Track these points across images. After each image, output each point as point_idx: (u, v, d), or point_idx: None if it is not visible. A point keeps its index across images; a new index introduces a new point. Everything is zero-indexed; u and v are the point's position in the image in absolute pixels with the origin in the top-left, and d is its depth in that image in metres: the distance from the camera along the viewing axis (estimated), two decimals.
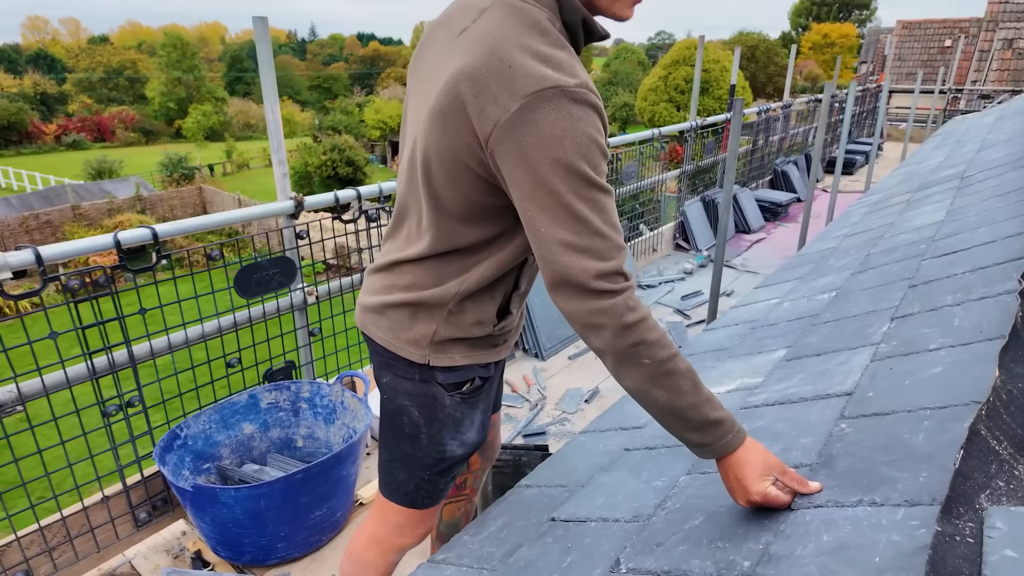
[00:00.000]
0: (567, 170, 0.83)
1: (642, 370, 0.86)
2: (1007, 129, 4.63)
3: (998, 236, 1.81)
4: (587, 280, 0.84)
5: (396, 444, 1.21)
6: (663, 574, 0.84)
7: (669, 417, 0.89)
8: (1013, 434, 0.75)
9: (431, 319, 1.09)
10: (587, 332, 0.88)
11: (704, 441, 0.89)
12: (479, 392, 1.19)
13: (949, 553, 0.61)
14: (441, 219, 1.01)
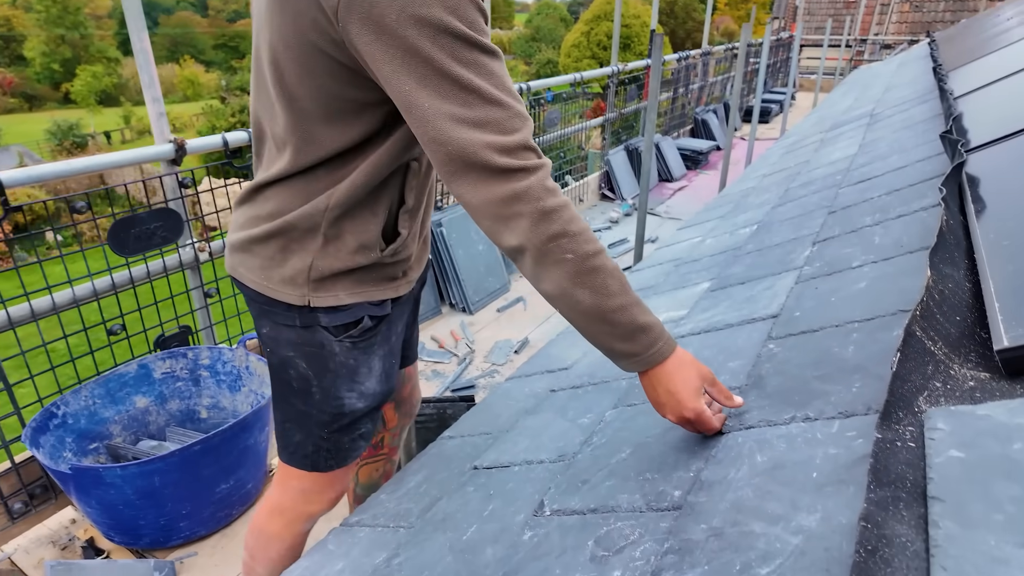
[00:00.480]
0: (436, 29, 0.69)
1: (564, 267, 0.74)
2: (909, 73, 4.82)
3: (910, 161, 1.84)
4: (490, 157, 0.71)
5: (287, 402, 1.07)
6: (589, 512, 0.77)
7: (595, 324, 0.77)
8: (947, 334, 0.70)
9: (304, 250, 0.94)
10: (499, 226, 0.74)
11: (633, 350, 0.78)
12: (372, 335, 1.05)
13: (891, 459, 0.56)
14: (300, 124, 0.86)
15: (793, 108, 11.07)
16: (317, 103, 0.83)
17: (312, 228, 0.93)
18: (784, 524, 0.57)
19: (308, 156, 0.88)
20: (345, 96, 0.82)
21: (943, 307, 0.75)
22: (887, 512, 0.50)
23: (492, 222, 0.75)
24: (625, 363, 0.81)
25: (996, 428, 0.53)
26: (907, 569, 0.45)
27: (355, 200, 0.92)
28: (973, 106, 2.21)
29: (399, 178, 0.96)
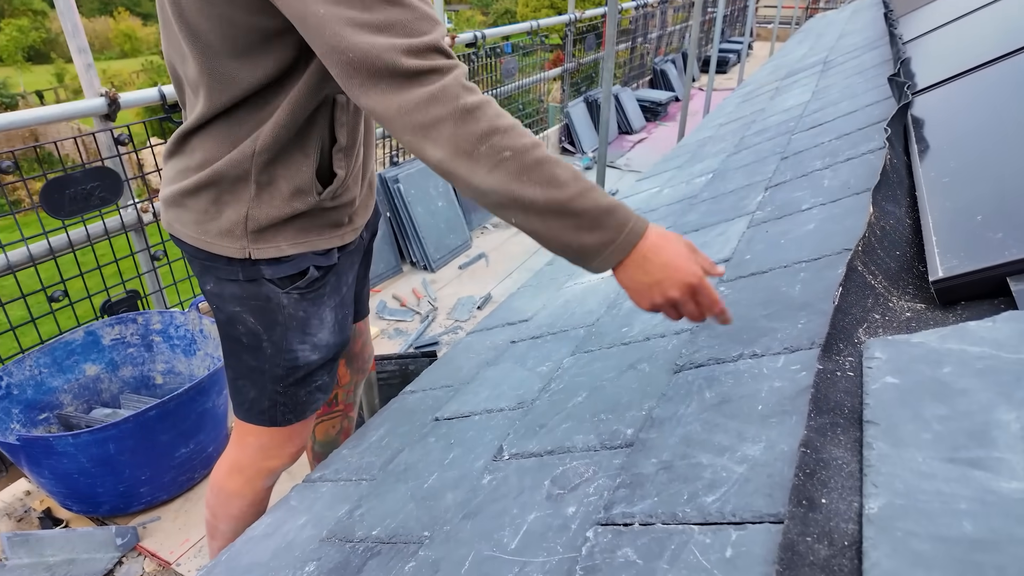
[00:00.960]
0: None
1: (505, 168, 0.67)
2: (861, 20, 4.86)
3: (859, 106, 1.86)
4: (395, 60, 0.65)
5: (238, 358, 1.04)
6: (546, 454, 0.78)
7: (555, 221, 0.69)
8: (887, 268, 0.72)
9: (238, 200, 0.90)
10: (420, 138, 0.67)
11: (605, 238, 0.70)
12: (321, 285, 1.02)
13: (831, 389, 0.58)
14: (208, 62, 0.81)
15: (750, 58, 11.07)
16: (221, 36, 0.78)
17: (242, 176, 0.88)
18: (730, 454, 0.59)
19: (223, 97, 0.83)
20: (248, 25, 0.77)
21: (884, 243, 0.77)
22: (825, 437, 0.52)
23: (412, 135, 0.68)
24: (600, 259, 0.72)
25: (928, 354, 0.55)
26: (842, 488, 0.47)
27: (283, 142, 0.87)
28: (921, 50, 2.25)
29: (326, 115, 0.91)
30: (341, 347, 1.10)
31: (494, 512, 0.71)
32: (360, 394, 1.50)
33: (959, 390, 0.49)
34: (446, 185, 3.61)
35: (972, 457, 0.43)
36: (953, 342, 0.55)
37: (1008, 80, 1.21)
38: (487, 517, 0.70)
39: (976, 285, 0.62)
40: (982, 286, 0.62)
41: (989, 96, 1.20)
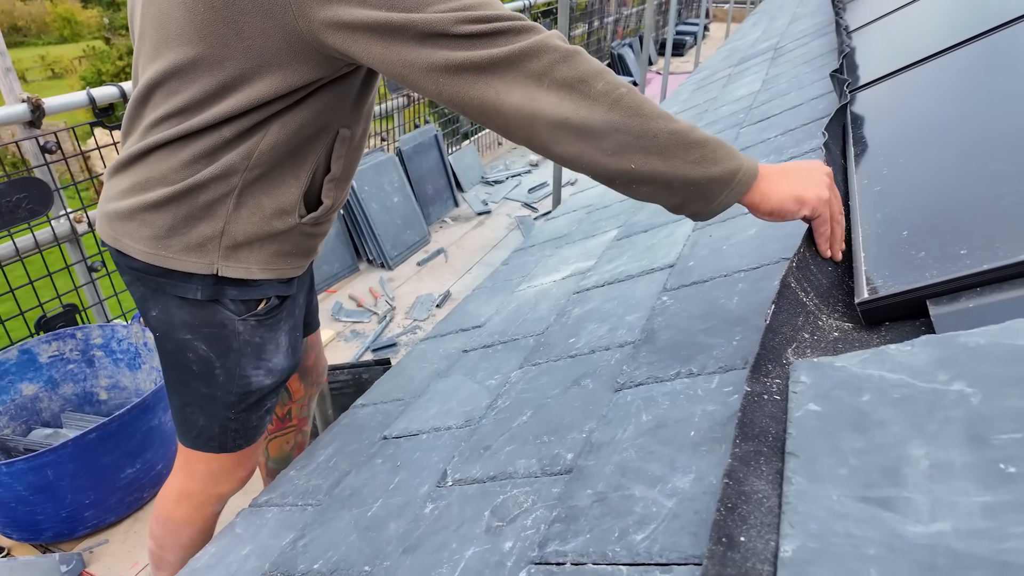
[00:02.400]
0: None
1: (624, 103, 0.66)
2: (812, 3, 4.91)
3: (805, 99, 1.89)
4: (484, 27, 0.67)
5: (186, 386, 1.01)
6: (488, 480, 0.78)
7: (679, 154, 0.67)
8: (819, 284, 0.73)
9: (214, 215, 0.87)
10: (534, 87, 0.66)
11: (733, 164, 0.69)
12: (278, 311, 1.01)
13: (758, 413, 0.58)
14: (209, 74, 0.78)
15: (707, 39, 11.15)
16: (240, 58, 0.76)
17: (225, 191, 0.85)
18: (661, 487, 0.59)
19: (216, 111, 0.80)
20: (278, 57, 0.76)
21: (817, 258, 0.78)
22: (749, 467, 0.53)
23: (525, 86, 0.67)
24: (730, 189, 0.70)
25: (849, 379, 0.56)
26: (761, 525, 0.47)
27: (277, 162, 0.85)
28: (866, 40, 2.28)
29: (326, 144, 0.90)
30: (294, 369, 1.09)
31: (434, 546, 0.70)
32: (314, 407, 1.47)
33: (876, 421, 0.50)
34: (402, 180, 3.56)
35: (883, 496, 0.44)
36: (873, 367, 0.56)
37: (945, 77, 1.24)
38: (427, 551, 0.69)
39: (899, 307, 0.63)
40: (905, 308, 0.63)
41: (926, 94, 1.22)
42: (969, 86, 1.11)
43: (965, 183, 0.75)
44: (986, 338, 0.52)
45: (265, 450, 1.39)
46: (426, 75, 0.69)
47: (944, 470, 0.43)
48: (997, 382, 0.47)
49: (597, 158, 0.68)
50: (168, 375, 1.03)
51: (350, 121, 0.92)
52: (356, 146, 0.97)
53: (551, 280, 1.49)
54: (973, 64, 1.21)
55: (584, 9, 6.50)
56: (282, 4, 0.71)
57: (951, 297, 0.59)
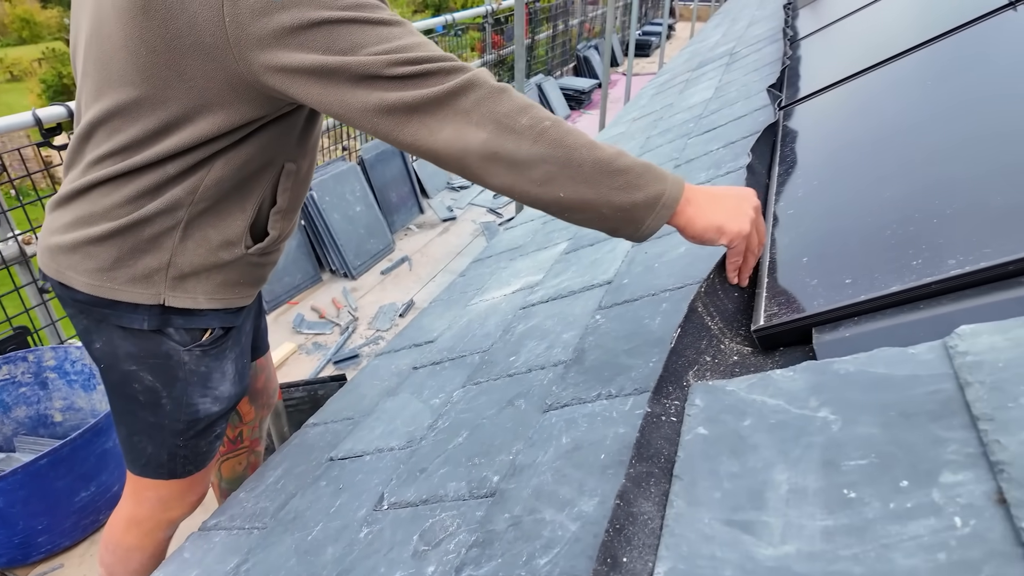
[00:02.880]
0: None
1: (549, 134, 0.70)
2: (771, 5, 5.01)
3: (750, 110, 1.94)
4: (427, 67, 0.70)
5: (133, 416, 1.02)
6: (420, 503, 0.81)
7: (604, 181, 0.70)
8: (724, 309, 0.77)
9: (159, 247, 0.89)
10: (463, 123, 0.70)
11: (657, 189, 0.72)
12: (223, 341, 1.02)
13: (654, 435, 0.62)
14: (154, 113, 0.80)
15: (673, 39, 11.30)
16: (182, 98, 0.79)
17: (171, 225, 0.87)
18: (569, 510, 0.62)
19: (159, 149, 0.82)
20: (220, 97, 0.78)
21: (726, 283, 0.82)
22: (640, 489, 0.57)
23: (454, 122, 0.70)
24: (654, 214, 0.73)
25: (736, 404, 0.60)
26: (643, 547, 0.51)
27: (222, 196, 0.87)
28: (810, 50, 2.34)
29: (272, 177, 0.92)
30: (242, 395, 1.10)
31: (365, 570, 0.73)
32: (267, 427, 1.49)
33: (751, 445, 0.54)
34: (364, 189, 3.56)
35: (745, 520, 0.48)
36: (758, 392, 0.60)
37: (876, 93, 1.29)
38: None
39: (790, 334, 0.67)
40: (795, 335, 0.67)
41: (853, 112, 1.28)
42: (894, 103, 1.17)
43: (859, 210, 0.80)
44: (855, 365, 0.56)
45: (218, 471, 1.40)
46: (362, 115, 0.72)
47: (799, 495, 0.47)
48: (855, 409, 0.52)
49: (528, 188, 0.72)
50: (114, 405, 1.04)
51: (295, 155, 0.95)
52: (303, 179, 1.00)
53: (502, 294, 1.53)
54: (905, 78, 1.26)
55: (549, 12, 6.56)
56: (222, 47, 0.73)
57: (833, 326, 0.64)
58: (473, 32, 5.24)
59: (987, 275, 0.59)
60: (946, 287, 0.61)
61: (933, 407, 0.48)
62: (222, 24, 0.71)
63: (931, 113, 0.99)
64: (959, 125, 0.88)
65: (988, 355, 0.49)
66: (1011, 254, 0.59)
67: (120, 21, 0.76)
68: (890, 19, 1.88)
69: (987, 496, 0.41)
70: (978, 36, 1.21)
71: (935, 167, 0.80)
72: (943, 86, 1.07)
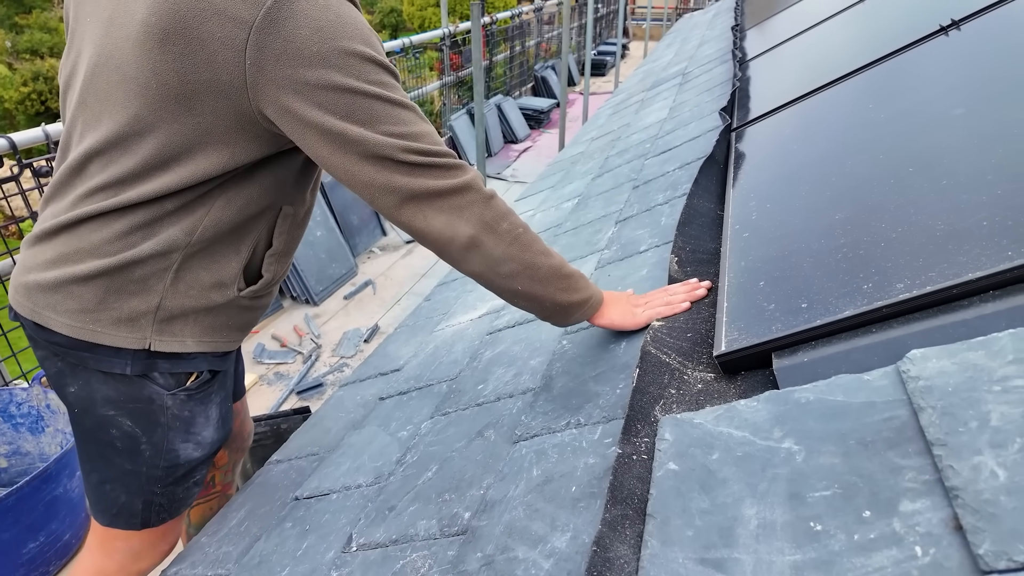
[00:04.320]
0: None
1: (521, 240, 0.82)
2: (720, 25, 5.18)
3: (703, 131, 1.99)
4: (430, 158, 0.78)
5: (107, 462, 0.97)
6: (391, 544, 0.79)
7: (554, 282, 0.86)
8: (679, 348, 0.79)
9: (149, 289, 0.86)
10: (455, 217, 0.79)
11: (588, 292, 0.89)
12: (210, 385, 0.99)
13: (626, 475, 0.62)
14: (155, 150, 0.80)
15: (627, 58, 11.57)
16: (187, 133, 0.78)
17: (163, 266, 0.85)
18: (542, 547, 0.62)
19: (157, 185, 0.80)
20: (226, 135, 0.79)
21: (671, 328, 0.84)
22: (615, 533, 0.57)
23: (448, 214, 0.79)
24: (583, 310, 0.89)
25: (703, 437, 0.61)
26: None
27: (218, 237, 0.87)
28: (759, 71, 2.43)
29: (269, 220, 0.92)
30: (224, 439, 1.06)
31: None
32: (239, 472, 1.44)
33: (720, 480, 0.55)
34: (324, 212, 3.52)
35: (717, 558, 0.48)
36: (724, 424, 0.61)
37: (822, 115, 1.35)
38: None
39: (751, 359, 0.69)
40: (756, 360, 0.69)
41: (802, 133, 1.32)
42: (840, 125, 1.22)
43: (811, 234, 0.83)
44: (814, 394, 0.58)
45: (187, 517, 1.34)
46: (365, 187, 0.77)
47: (768, 529, 0.48)
48: (817, 439, 0.53)
49: (493, 278, 0.84)
50: (85, 451, 0.98)
51: (294, 199, 0.95)
52: (300, 222, 1.01)
53: (468, 319, 1.52)
54: (850, 100, 1.32)
55: (505, 34, 6.64)
56: (238, 87, 0.74)
57: (791, 350, 0.66)
58: (431, 52, 5.25)
59: (933, 299, 0.61)
60: (896, 311, 0.63)
61: (889, 434, 0.50)
62: (242, 66, 0.72)
63: (873, 136, 1.04)
64: (901, 148, 0.93)
65: (938, 379, 0.51)
66: (954, 278, 0.61)
67: (134, 52, 0.75)
68: (834, 42, 1.97)
69: (944, 523, 0.42)
70: (916, 58, 1.27)
71: (880, 190, 0.84)
72: (884, 109, 1.12)
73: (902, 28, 1.54)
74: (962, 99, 0.96)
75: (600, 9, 10.21)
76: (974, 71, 1.05)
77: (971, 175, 0.75)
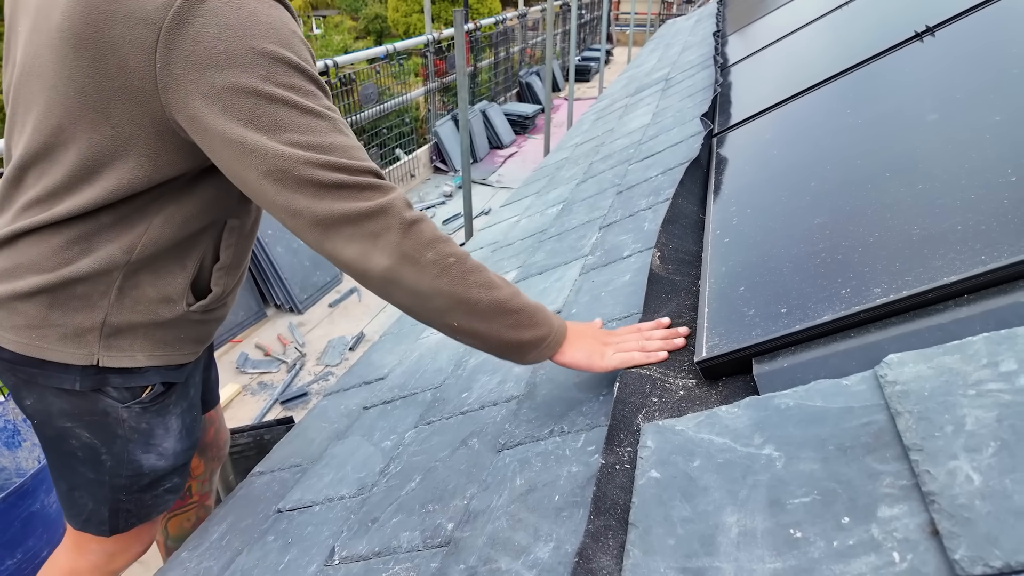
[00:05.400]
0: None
1: (451, 271, 0.72)
2: (701, 31, 5.23)
3: (685, 136, 2.01)
4: (339, 176, 0.69)
5: (72, 471, 0.96)
6: (373, 556, 0.78)
7: (497, 320, 0.74)
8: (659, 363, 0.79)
9: (92, 306, 0.84)
10: (369, 246, 0.69)
11: (543, 331, 0.77)
12: (165, 398, 0.97)
13: (609, 485, 0.62)
14: (86, 160, 0.77)
15: (612, 64, 11.65)
16: (107, 142, 0.75)
17: (105, 283, 0.83)
18: (525, 557, 0.61)
19: (87, 197, 0.78)
20: (146, 145, 0.76)
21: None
22: (598, 543, 0.56)
23: (360, 242, 0.69)
24: (538, 351, 0.78)
25: (685, 444, 0.61)
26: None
27: (160, 253, 0.84)
28: (741, 77, 2.44)
29: (214, 234, 0.89)
30: (192, 450, 1.05)
31: None
32: (216, 481, 1.42)
33: (702, 488, 0.55)
34: None
35: (699, 567, 0.48)
36: (705, 430, 0.61)
37: (804, 119, 1.36)
38: None
39: (732, 365, 0.69)
40: (737, 365, 0.69)
41: (784, 138, 1.34)
42: (820, 130, 1.23)
43: (791, 238, 0.84)
44: (794, 400, 0.58)
45: (164, 529, 1.32)
46: (270, 208, 0.71)
47: (749, 537, 0.48)
48: (796, 445, 0.53)
49: (424, 312, 0.76)
50: (51, 460, 0.97)
51: (238, 212, 0.93)
52: (247, 234, 0.98)
53: None
54: (829, 105, 1.33)
55: (490, 40, 6.66)
56: (150, 93, 0.71)
57: (771, 356, 0.66)
58: (416, 58, 5.25)
59: (910, 303, 0.62)
60: (873, 315, 0.64)
61: (867, 439, 0.50)
62: (152, 69, 0.69)
63: (851, 141, 1.05)
64: (878, 153, 0.94)
65: (914, 384, 0.51)
66: (930, 282, 0.62)
67: (52, 59, 0.73)
68: (814, 47, 1.99)
69: (921, 528, 0.42)
70: (893, 64, 1.29)
71: (858, 195, 0.84)
72: (861, 115, 1.13)
73: (879, 34, 1.56)
74: (937, 104, 0.97)
75: (584, 15, 10.27)
76: (949, 77, 1.06)
77: (946, 180, 0.76)
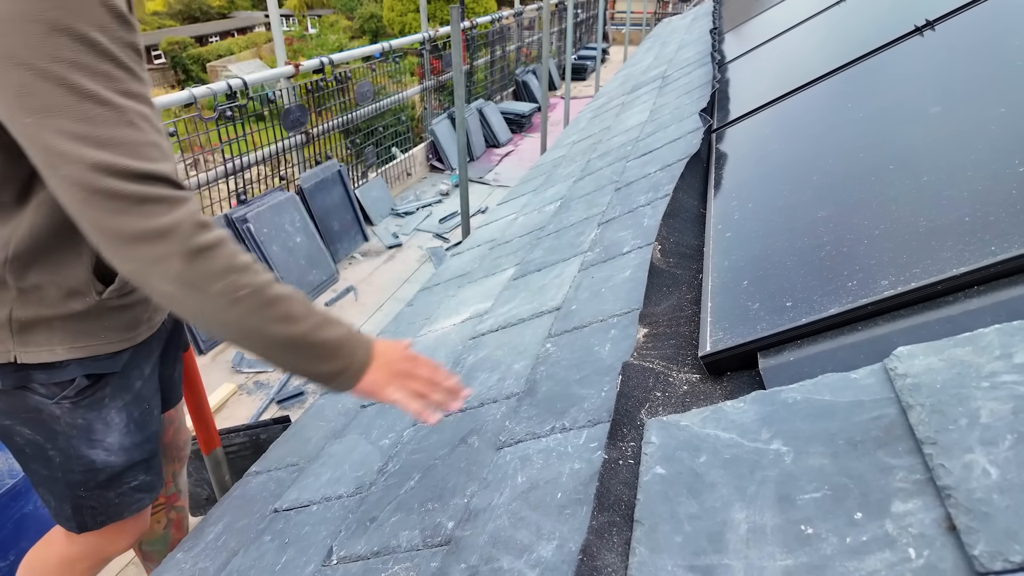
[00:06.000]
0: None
1: (244, 304, 0.66)
2: (698, 29, 5.23)
3: (683, 133, 2.00)
4: (116, 182, 0.59)
5: (27, 468, 0.97)
6: (372, 556, 0.77)
7: (293, 353, 0.72)
8: (662, 354, 0.78)
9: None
10: (146, 272, 0.62)
11: (341, 364, 0.75)
12: (94, 391, 0.92)
13: (613, 480, 0.61)
14: None
15: (608, 63, 11.64)
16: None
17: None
18: (527, 556, 0.60)
19: None
20: None
21: (660, 324, 0.83)
22: (603, 540, 0.55)
23: (135, 265, 0.63)
24: (337, 382, 0.77)
25: (690, 439, 0.59)
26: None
27: (42, 245, 0.79)
28: (738, 73, 2.44)
29: None
30: (147, 444, 1.02)
31: None
32: (185, 480, 1.40)
33: (709, 484, 0.54)
34: (304, 218, 3.48)
35: (707, 564, 0.47)
36: (711, 426, 0.60)
37: (803, 114, 1.35)
38: None
39: (736, 359, 0.68)
40: (741, 360, 0.68)
41: (784, 133, 1.33)
42: (820, 124, 1.22)
43: (795, 231, 0.83)
44: (801, 394, 0.57)
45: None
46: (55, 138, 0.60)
47: (758, 534, 0.47)
48: (805, 439, 0.52)
49: (223, 337, 0.72)
50: (13, 456, 0.96)
51: None
52: None
53: (451, 324, 1.50)
54: (829, 99, 1.32)
55: (486, 38, 6.64)
56: None
57: (777, 350, 0.65)
58: (412, 57, 5.23)
59: (918, 295, 0.61)
60: (881, 308, 0.62)
61: (878, 433, 0.49)
62: None
63: (853, 134, 1.04)
64: (880, 146, 0.93)
65: (926, 376, 0.50)
66: (938, 274, 0.61)
67: None
68: (812, 43, 1.98)
69: (937, 524, 0.41)
70: (893, 58, 1.28)
71: (862, 188, 0.83)
72: (862, 109, 1.12)
73: (878, 29, 1.56)
74: (939, 97, 0.97)
75: (580, 14, 10.26)
76: (950, 70, 1.05)
77: (951, 172, 0.75)
